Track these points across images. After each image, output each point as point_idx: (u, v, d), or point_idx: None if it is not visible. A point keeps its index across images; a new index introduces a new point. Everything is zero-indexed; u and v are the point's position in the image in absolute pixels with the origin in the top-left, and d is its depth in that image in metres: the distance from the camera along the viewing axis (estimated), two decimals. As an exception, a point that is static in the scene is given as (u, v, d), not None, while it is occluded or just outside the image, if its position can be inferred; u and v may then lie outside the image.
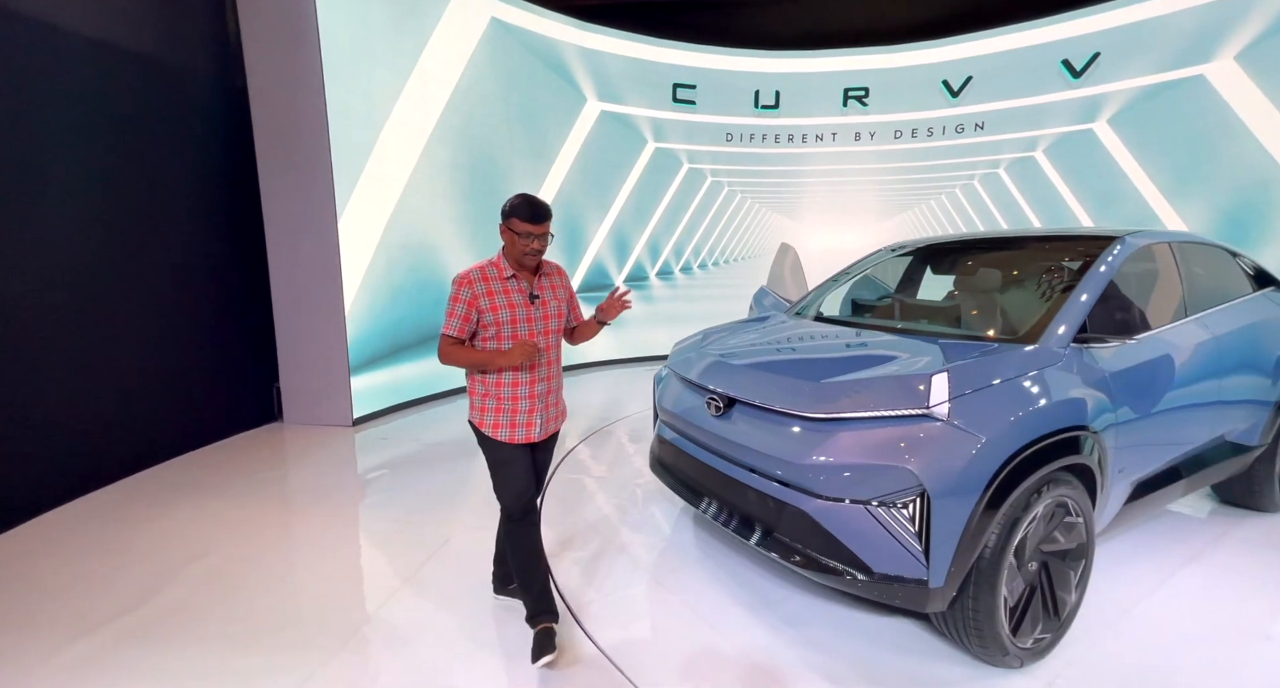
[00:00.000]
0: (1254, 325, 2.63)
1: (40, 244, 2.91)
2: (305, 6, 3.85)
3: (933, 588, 1.66)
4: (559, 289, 1.96)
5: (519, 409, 1.85)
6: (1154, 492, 2.30)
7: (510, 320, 1.81)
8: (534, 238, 1.77)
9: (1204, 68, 5.23)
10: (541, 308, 1.87)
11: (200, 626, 2.01)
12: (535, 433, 1.88)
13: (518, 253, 1.79)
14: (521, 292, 1.84)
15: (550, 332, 1.90)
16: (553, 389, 1.94)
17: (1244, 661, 1.86)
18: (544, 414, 1.90)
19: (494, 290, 1.80)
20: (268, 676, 1.76)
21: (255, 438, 4.15)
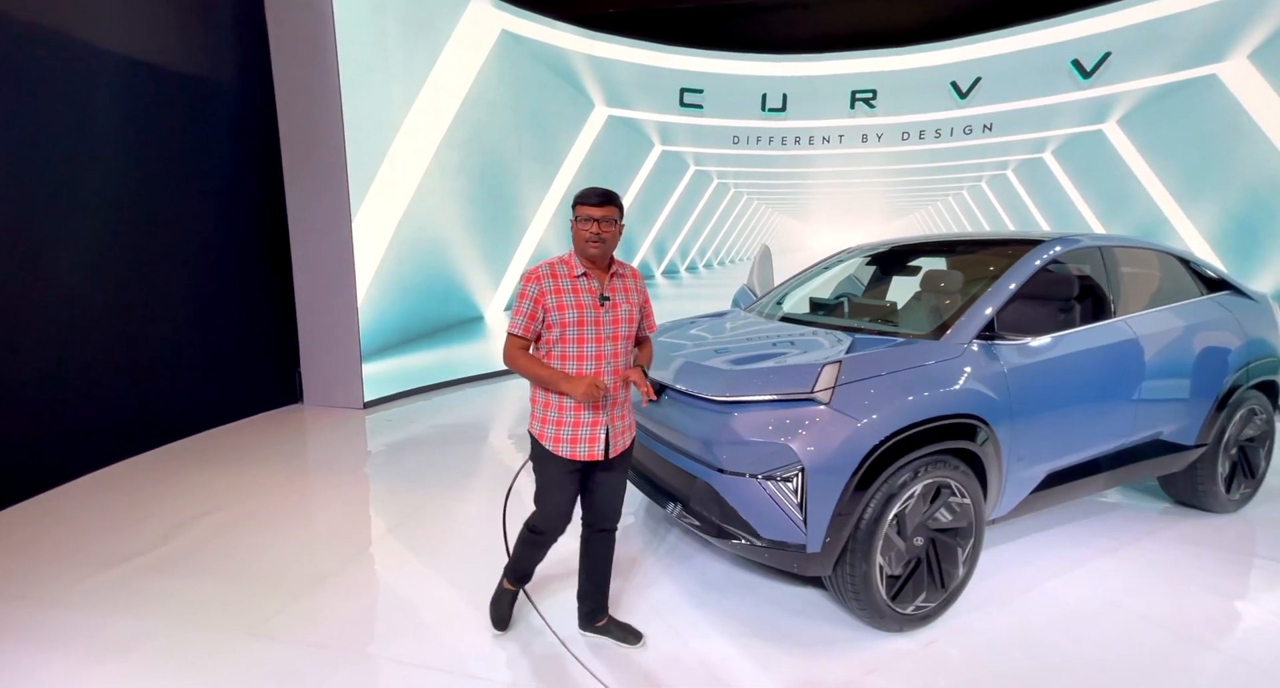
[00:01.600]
0: (1192, 328, 2.69)
1: (89, 240, 3.39)
2: (324, 27, 4.26)
3: (810, 553, 1.87)
4: (632, 292, 1.80)
5: (582, 421, 1.71)
6: (1069, 482, 2.42)
7: (577, 322, 1.67)
8: (593, 221, 1.65)
9: (1216, 67, 5.12)
10: (612, 311, 1.72)
11: (201, 565, 2.40)
12: (599, 450, 1.73)
13: (580, 241, 1.68)
14: (591, 292, 1.71)
15: (620, 337, 1.74)
16: (620, 402, 1.78)
17: (1115, 636, 1.99)
18: (610, 429, 1.74)
19: (562, 289, 1.68)
20: (244, 606, 2.12)
21: (276, 417, 4.61)
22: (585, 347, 1.71)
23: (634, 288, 1.82)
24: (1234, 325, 2.81)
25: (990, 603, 2.17)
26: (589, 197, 1.68)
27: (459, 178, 5.59)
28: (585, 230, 1.67)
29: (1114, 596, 2.21)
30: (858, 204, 7.65)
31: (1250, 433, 2.92)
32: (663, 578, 2.32)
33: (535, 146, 6.33)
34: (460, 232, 5.71)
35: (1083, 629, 2.02)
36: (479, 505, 2.99)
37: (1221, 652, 1.91)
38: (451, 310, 5.76)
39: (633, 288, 1.81)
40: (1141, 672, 1.83)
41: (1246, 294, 3.01)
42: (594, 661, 1.85)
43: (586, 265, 1.73)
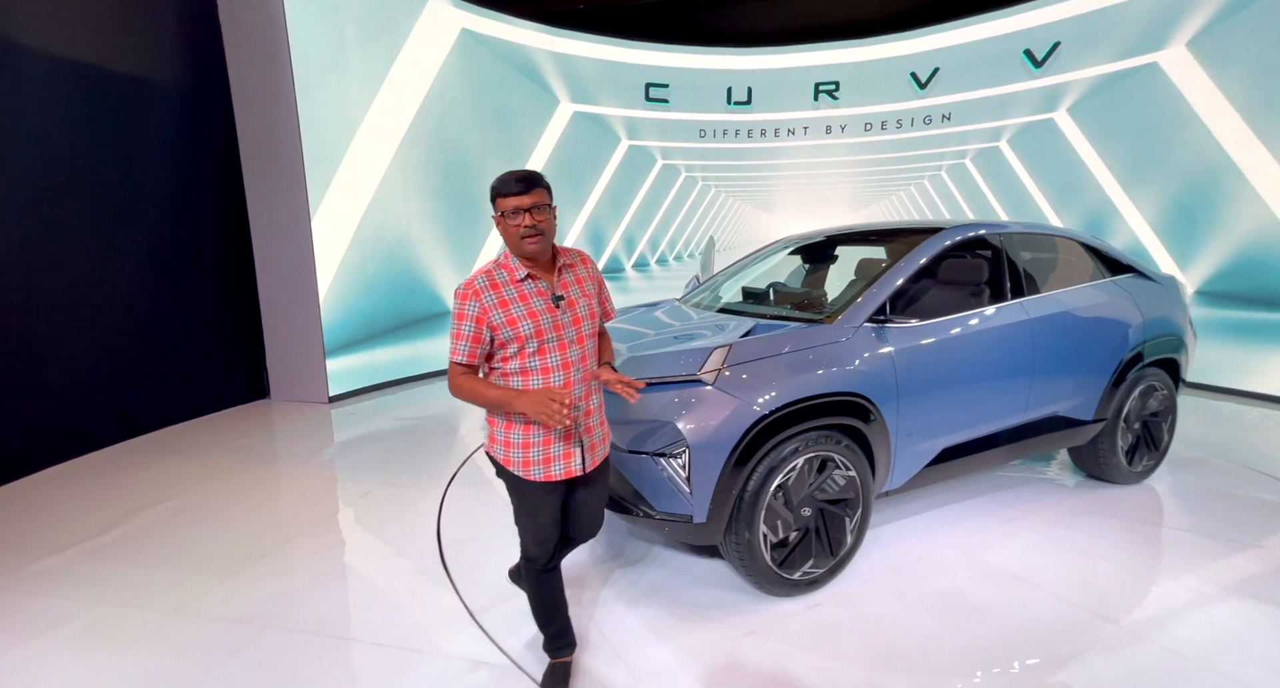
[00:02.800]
0: (1088, 309, 2.83)
1: (44, 241, 3.51)
2: (277, 28, 4.35)
3: (698, 524, 2.01)
4: (587, 282, 1.60)
5: (553, 437, 1.52)
6: (966, 456, 2.56)
7: (534, 333, 1.46)
8: (523, 212, 1.42)
9: (1158, 56, 5.23)
10: (569, 310, 1.51)
11: (141, 550, 2.54)
12: (576, 465, 1.55)
13: (514, 240, 1.46)
14: (542, 294, 1.49)
15: (585, 337, 1.55)
16: (593, 409, 1.59)
17: (998, 602, 2.13)
18: (586, 440, 1.57)
19: (507, 299, 1.45)
20: (175, 587, 2.25)
21: (243, 412, 4.74)
22: (549, 357, 1.49)
23: (587, 276, 1.61)
24: (1131, 307, 2.95)
25: (881, 570, 2.32)
26: (509, 184, 1.43)
27: (422, 175, 5.69)
28: (516, 226, 1.43)
29: (1005, 564, 2.36)
30: (824, 194, 7.77)
31: (1153, 407, 3.07)
32: (580, 552, 2.47)
33: (500, 143, 6.42)
34: (424, 228, 5.82)
35: (968, 597, 2.16)
36: (423, 490, 3.13)
37: (1109, 619, 2.02)
38: (418, 306, 5.88)
39: (586, 277, 1.60)
40: (1023, 637, 1.95)
41: (1149, 277, 3.15)
42: (498, 629, 2.00)
43: (528, 265, 1.49)
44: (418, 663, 1.83)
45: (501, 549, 2.49)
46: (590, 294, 1.60)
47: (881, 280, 2.42)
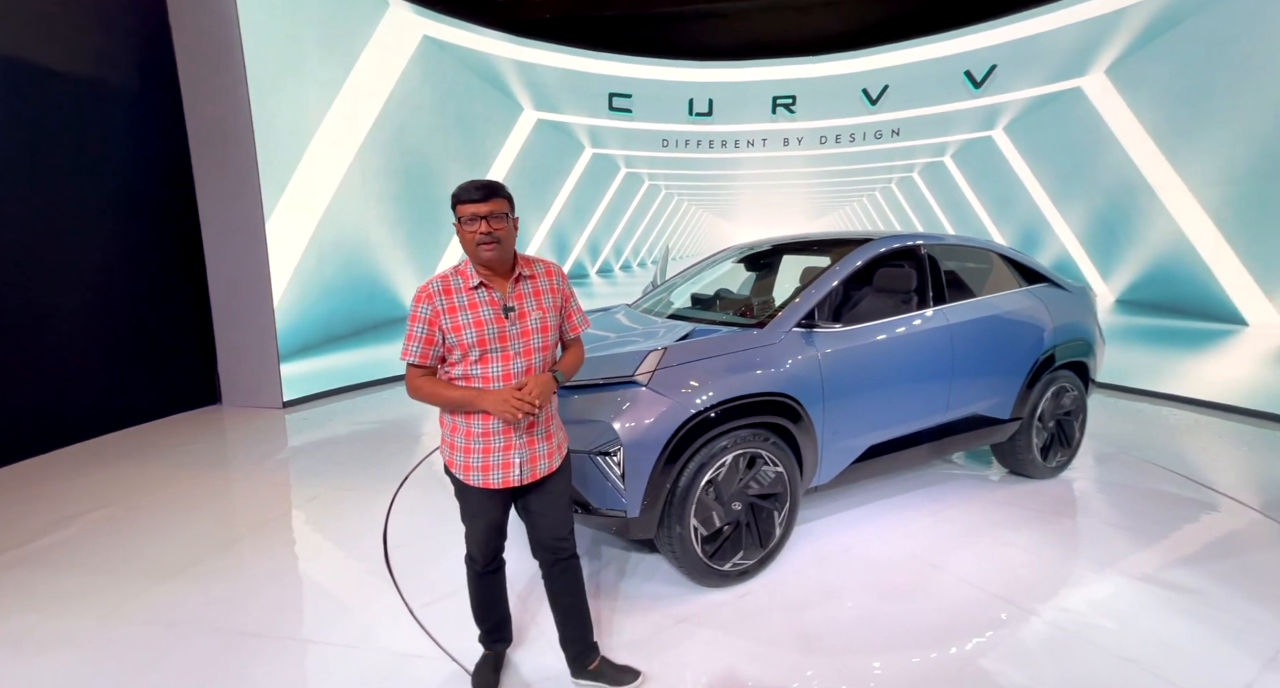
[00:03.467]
0: (1004, 316, 3.05)
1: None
2: (230, 32, 4.32)
3: (631, 518, 2.11)
4: (545, 295, 1.58)
5: (493, 446, 1.53)
6: (891, 453, 2.74)
7: (477, 341, 1.47)
8: (480, 219, 1.44)
9: (1081, 81, 5.63)
10: (519, 322, 1.52)
11: (76, 557, 2.50)
12: (514, 475, 1.55)
13: (470, 246, 1.47)
14: (493, 304, 1.50)
15: (533, 351, 1.54)
16: (538, 421, 1.58)
17: (917, 591, 2.29)
18: (525, 451, 1.56)
19: (457, 305, 1.48)
20: (104, 594, 2.23)
21: (192, 417, 4.65)
22: (490, 367, 1.50)
23: (548, 289, 1.59)
24: (1044, 314, 3.19)
25: (810, 562, 2.46)
26: (469, 192, 1.45)
27: (383, 179, 5.68)
28: (473, 232, 1.45)
29: (924, 554, 2.52)
30: (782, 204, 8.03)
31: (1066, 407, 3.32)
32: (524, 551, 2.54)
33: (463, 148, 6.46)
34: (385, 232, 5.80)
35: (886, 585, 2.30)
36: (374, 493, 3.15)
37: (1008, 601, 2.20)
38: (377, 310, 5.85)
39: (546, 290, 1.59)
40: (933, 620, 2.11)
41: (1061, 285, 3.41)
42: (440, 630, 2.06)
43: (484, 273, 1.51)
44: (352, 659, 1.87)
45: (448, 549, 2.54)
46: (548, 307, 1.58)
47: (809, 289, 2.58)
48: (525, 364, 1.54)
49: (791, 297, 2.60)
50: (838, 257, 2.78)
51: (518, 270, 1.56)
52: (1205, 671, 1.79)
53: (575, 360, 1.72)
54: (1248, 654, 1.85)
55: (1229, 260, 4.69)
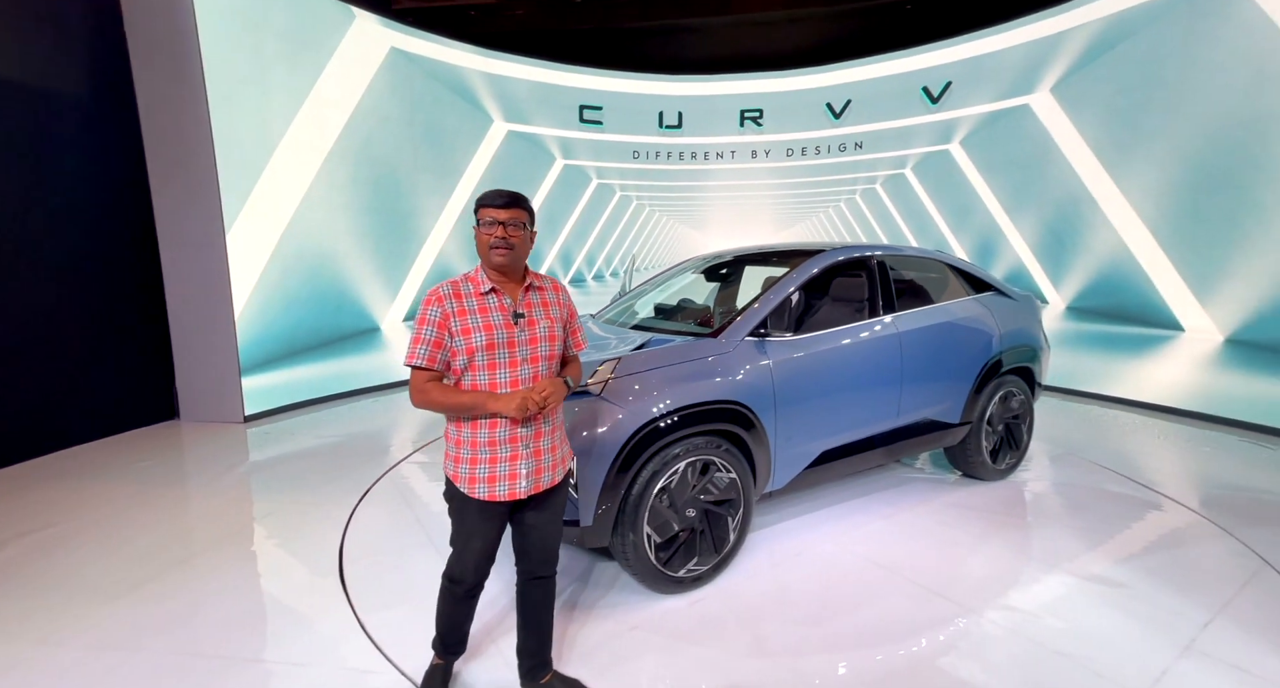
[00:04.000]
0: (952, 324, 3.17)
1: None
2: (187, 41, 4.28)
3: (584, 526, 2.14)
4: (553, 306, 1.62)
5: (499, 456, 1.52)
6: (845, 458, 2.81)
7: (487, 345, 1.49)
8: (498, 224, 1.48)
9: (1029, 98, 5.89)
10: (528, 329, 1.54)
11: (14, 579, 2.42)
12: (521, 487, 1.54)
13: (484, 248, 1.51)
14: (503, 310, 1.52)
15: (540, 358, 1.55)
16: (544, 432, 1.58)
17: (860, 585, 2.36)
18: (531, 462, 1.55)
19: (467, 309, 1.50)
20: (43, 616, 2.17)
21: (149, 433, 4.52)
22: (499, 373, 1.51)
23: (555, 301, 1.64)
24: (990, 321, 3.32)
25: (764, 566, 2.51)
26: (492, 197, 1.51)
27: (350, 190, 5.64)
28: (489, 235, 1.49)
29: (875, 556, 2.60)
30: (751, 214, 8.18)
31: (1014, 410, 3.45)
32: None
33: (432, 159, 6.45)
34: (352, 243, 5.75)
35: (839, 588, 2.36)
36: (333, 507, 3.11)
37: (949, 599, 2.28)
38: (344, 322, 5.78)
39: (553, 301, 1.63)
40: (880, 619, 2.16)
41: (1007, 294, 3.56)
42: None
43: (496, 279, 1.54)
44: (300, 677, 1.85)
45: (404, 561, 2.53)
46: (555, 318, 1.61)
47: (762, 299, 2.65)
48: (532, 372, 1.55)
49: (745, 307, 2.66)
50: (793, 267, 2.86)
51: (529, 280, 1.60)
52: (1127, 660, 1.88)
53: (576, 374, 1.73)
54: (1167, 643, 1.95)
55: (1166, 269, 4.94)
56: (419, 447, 4.18)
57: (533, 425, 1.55)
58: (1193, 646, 1.93)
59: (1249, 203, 4.37)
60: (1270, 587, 2.30)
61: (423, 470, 3.71)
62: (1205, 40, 4.53)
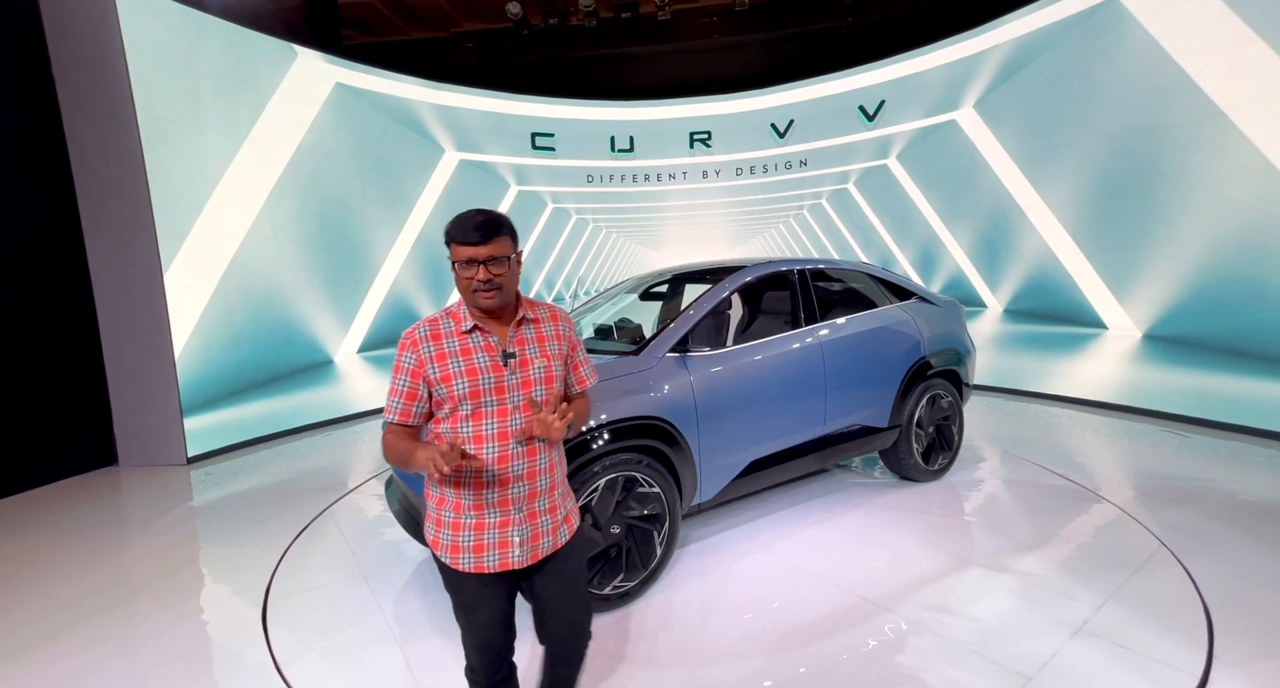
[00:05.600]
0: (875, 332, 3.30)
1: None
2: (119, 84, 4.29)
3: (505, 549, 2.15)
4: (549, 341, 1.38)
5: (487, 522, 1.31)
6: (775, 466, 2.88)
7: (469, 394, 1.28)
8: (477, 265, 1.26)
9: (955, 114, 6.22)
10: (519, 371, 1.32)
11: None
12: (514, 556, 1.31)
13: (466, 293, 1.30)
14: (490, 349, 1.31)
15: (533, 404, 1.31)
16: (540, 490, 1.34)
17: (785, 589, 2.41)
18: (525, 528, 1.33)
19: (447, 352, 1.29)
20: None
21: (84, 481, 4.38)
22: (484, 424, 1.29)
23: (553, 335, 1.39)
24: (914, 327, 3.46)
25: (695, 577, 2.55)
26: (464, 232, 1.25)
27: (296, 225, 5.64)
28: (469, 278, 1.27)
29: (805, 563, 2.65)
30: (704, 232, 8.38)
31: (943, 412, 3.58)
32: (413, 592, 2.53)
33: (383, 192, 6.49)
34: (302, 277, 5.73)
35: (766, 594, 2.41)
36: (265, 548, 3.04)
37: (879, 605, 2.33)
38: (295, 356, 5.72)
39: (551, 335, 1.39)
40: (805, 623, 2.21)
41: (931, 301, 3.72)
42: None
43: (479, 316, 1.34)
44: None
45: (331, 598, 2.50)
46: (552, 355, 1.37)
47: (681, 316, 2.74)
48: (525, 420, 1.31)
49: (664, 325, 2.74)
50: (714, 284, 2.96)
51: (520, 313, 1.36)
52: (1021, 646, 1.96)
53: (581, 416, 1.45)
54: (1061, 627, 2.04)
55: (1087, 271, 5.21)
56: (365, 480, 4.14)
57: (525, 484, 1.31)
58: (1084, 627, 2.02)
59: (1152, 207, 4.66)
60: (1162, 568, 2.41)
61: (367, 504, 3.66)
62: (1101, 59, 4.88)
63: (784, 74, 7.52)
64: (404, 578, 2.65)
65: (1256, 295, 4.12)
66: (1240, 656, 1.89)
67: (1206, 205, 4.33)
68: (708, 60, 7.95)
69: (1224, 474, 3.53)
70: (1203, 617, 2.08)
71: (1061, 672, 1.83)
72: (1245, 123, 4.08)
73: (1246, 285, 4.17)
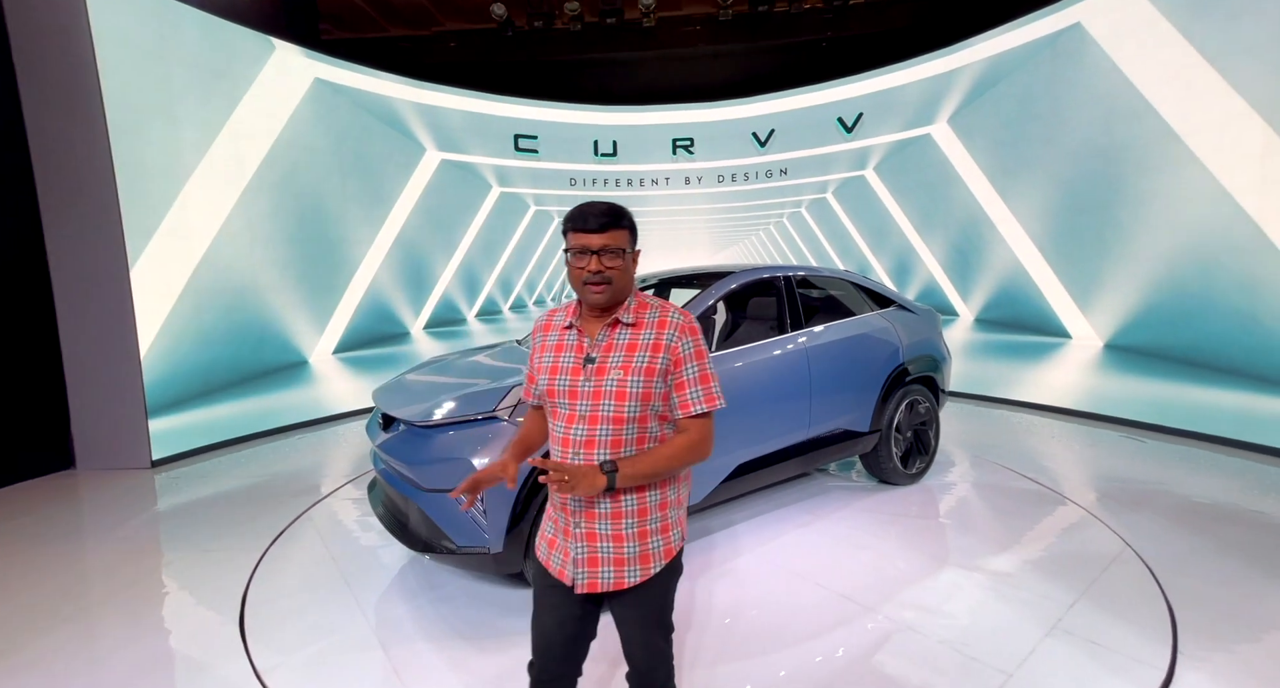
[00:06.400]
0: (856, 338, 3.38)
1: None
2: (86, 74, 4.13)
3: (495, 554, 2.14)
4: (641, 351, 1.20)
5: (556, 522, 1.28)
6: (761, 469, 2.92)
7: (546, 390, 1.25)
8: (590, 254, 1.18)
9: (930, 129, 6.42)
10: (593, 379, 1.20)
11: None
12: (570, 572, 1.23)
13: (577, 284, 1.22)
14: (579, 350, 1.23)
15: (601, 419, 1.19)
16: (600, 513, 1.21)
17: (771, 590, 2.44)
18: (581, 548, 1.22)
19: (547, 345, 1.28)
20: None
21: (36, 486, 4.16)
22: (556, 425, 1.24)
23: (649, 344, 1.21)
24: (893, 334, 3.56)
25: (682, 580, 2.55)
26: (583, 219, 1.19)
27: (272, 221, 5.49)
28: (580, 268, 1.20)
29: (790, 565, 2.69)
30: (687, 238, 8.45)
31: (921, 417, 3.69)
32: (397, 596, 2.48)
33: (362, 189, 6.37)
34: (276, 275, 5.57)
35: (751, 596, 2.44)
36: (240, 553, 2.95)
37: (862, 605, 2.37)
38: (267, 356, 5.55)
39: (646, 345, 1.21)
40: (789, 623, 2.25)
41: (909, 308, 3.83)
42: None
43: (584, 314, 1.27)
44: (186, 733, 1.75)
45: (311, 603, 2.43)
46: (637, 368, 1.19)
47: (672, 320, 2.76)
48: (587, 433, 1.19)
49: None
50: (701, 289, 3.00)
51: (625, 316, 1.23)
52: (1001, 643, 2.03)
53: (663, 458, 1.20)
54: (1036, 625, 2.12)
55: (1053, 283, 5.43)
56: (342, 484, 4.04)
57: (581, 503, 1.20)
58: (1058, 625, 2.11)
59: (1111, 222, 4.89)
60: (1128, 567, 2.53)
61: (345, 508, 3.58)
62: (1065, 82, 5.11)
63: (766, 84, 7.66)
64: (387, 583, 2.60)
65: (1207, 309, 4.36)
66: (1202, 650, 1.99)
67: (1162, 223, 4.58)
68: (691, 68, 8.05)
69: (1179, 478, 3.72)
70: (1166, 613, 2.19)
71: (1039, 668, 1.91)
72: (1198, 146, 4.32)
73: (1199, 299, 4.41)
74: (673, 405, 1.24)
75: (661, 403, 1.23)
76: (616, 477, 1.16)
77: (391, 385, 2.78)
